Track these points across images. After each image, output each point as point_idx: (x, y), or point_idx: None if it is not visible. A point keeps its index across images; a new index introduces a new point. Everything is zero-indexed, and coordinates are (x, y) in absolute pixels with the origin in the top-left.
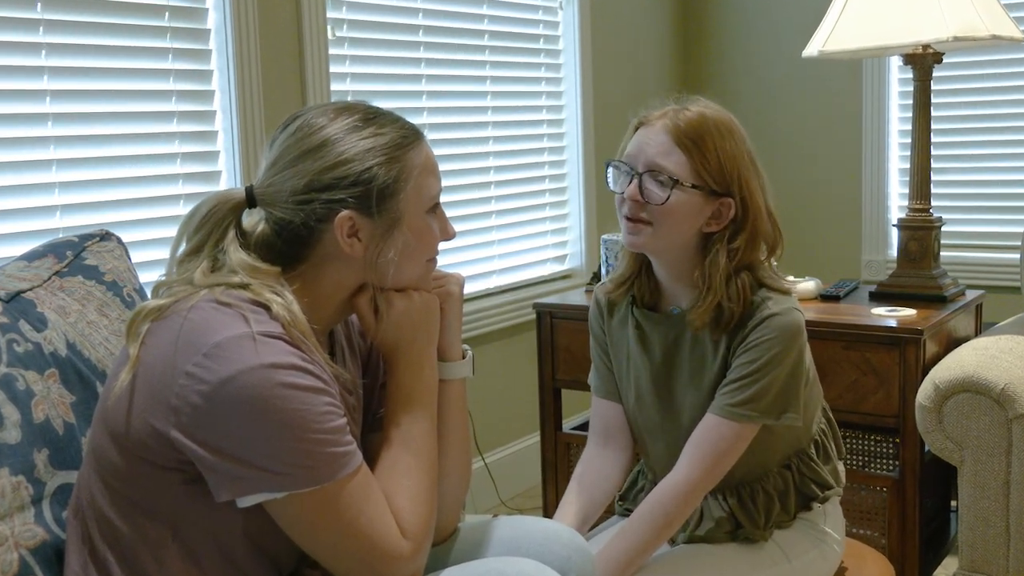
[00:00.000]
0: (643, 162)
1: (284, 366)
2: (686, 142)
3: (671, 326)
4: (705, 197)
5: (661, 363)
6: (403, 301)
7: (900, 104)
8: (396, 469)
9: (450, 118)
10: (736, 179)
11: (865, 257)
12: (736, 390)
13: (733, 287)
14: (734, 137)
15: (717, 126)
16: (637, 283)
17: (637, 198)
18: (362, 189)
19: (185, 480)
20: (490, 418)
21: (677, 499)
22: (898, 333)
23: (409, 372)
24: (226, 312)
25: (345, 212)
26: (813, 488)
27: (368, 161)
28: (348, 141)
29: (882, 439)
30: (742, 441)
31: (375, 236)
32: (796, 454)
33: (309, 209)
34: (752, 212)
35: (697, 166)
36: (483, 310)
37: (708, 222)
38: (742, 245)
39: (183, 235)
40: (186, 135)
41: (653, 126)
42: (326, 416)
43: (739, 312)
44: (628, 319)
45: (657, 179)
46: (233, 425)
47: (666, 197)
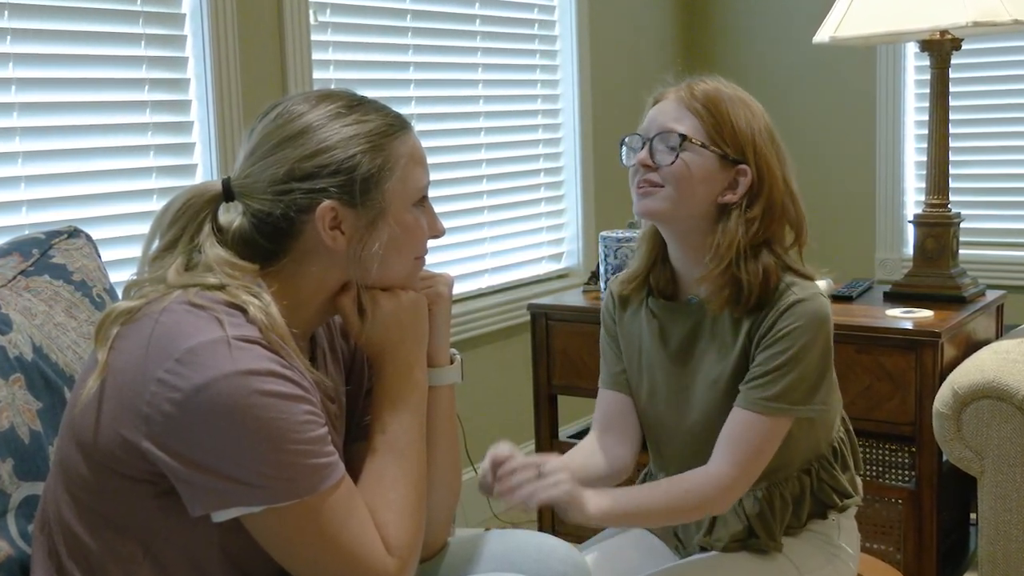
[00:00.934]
0: (654, 129)
1: (261, 372)
2: (698, 107)
3: (689, 315)
4: (719, 162)
5: (677, 354)
6: (390, 301)
7: (916, 93)
8: (382, 481)
9: (439, 107)
10: (751, 145)
11: (879, 255)
12: (768, 383)
13: (751, 263)
14: (750, 108)
15: (733, 97)
16: (653, 274)
17: (648, 162)
18: (345, 178)
19: (157, 493)
20: (482, 426)
21: (712, 491)
22: (914, 336)
23: (397, 376)
24: (200, 315)
25: (327, 202)
26: (831, 495)
27: (351, 149)
28: (330, 128)
29: (897, 448)
30: (778, 436)
31: (358, 228)
32: (816, 458)
33: (289, 199)
34: (769, 181)
35: (709, 130)
36: (475, 311)
37: (724, 191)
38: (759, 215)
39: (156, 231)
40: (160, 126)
41: (666, 99)
42: (306, 425)
43: (758, 290)
44: (642, 311)
45: (667, 142)
46: (207, 435)
47: (675, 156)
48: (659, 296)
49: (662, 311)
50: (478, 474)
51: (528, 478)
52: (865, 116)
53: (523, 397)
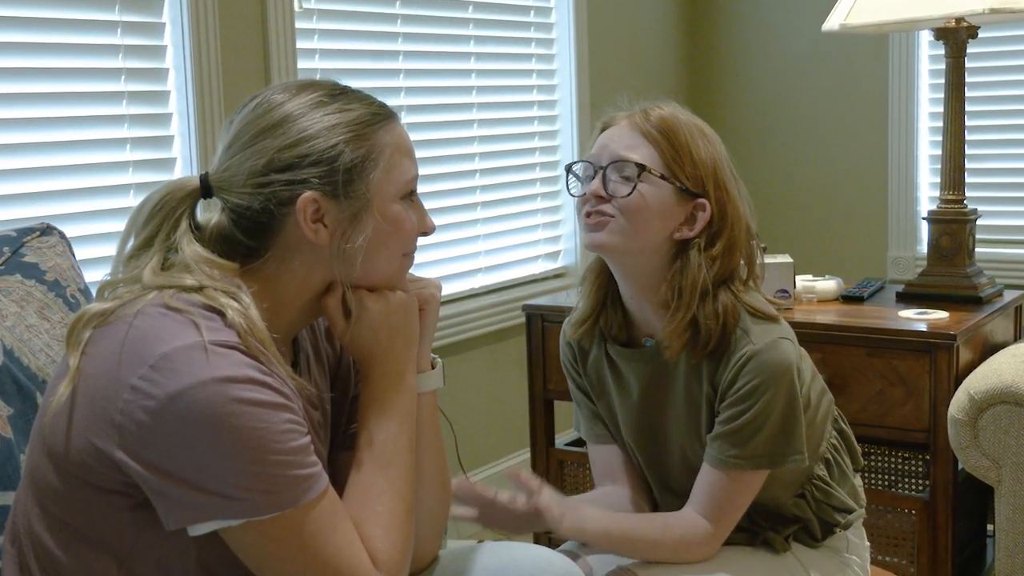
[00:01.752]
0: (607, 156)
1: (239, 379)
2: (655, 135)
3: (646, 361)
4: (677, 195)
5: (642, 404)
6: (378, 302)
7: (931, 84)
8: (368, 492)
9: (430, 99)
10: (712, 178)
11: (892, 254)
12: (731, 444)
13: (710, 305)
14: (708, 139)
15: (689, 126)
16: (603, 317)
17: (600, 193)
18: (326, 168)
19: (131, 506)
20: (475, 433)
21: (692, 538)
22: (928, 338)
23: (385, 382)
24: (175, 319)
25: (308, 194)
26: (832, 514)
27: (333, 138)
28: (311, 117)
29: (910, 456)
30: (752, 489)
31: (342, 221)
32: (808, 480)
33: (269, 192)
34: (730, 217)
35: (667, 159)
36: (467, 313)
37: (681, 226)
38: (720, 253)
39: (131, 229)
40: (137, 118)
41: (619, 124)
42: (287, 435)
43: (717, 333)
44: (603, 358)
45: (622, 172)
46: (183, 445)
47: (632, 187)
48: (613, 341)
49: (620, 358)
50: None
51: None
52: (877, 108)
53: (518, 403)
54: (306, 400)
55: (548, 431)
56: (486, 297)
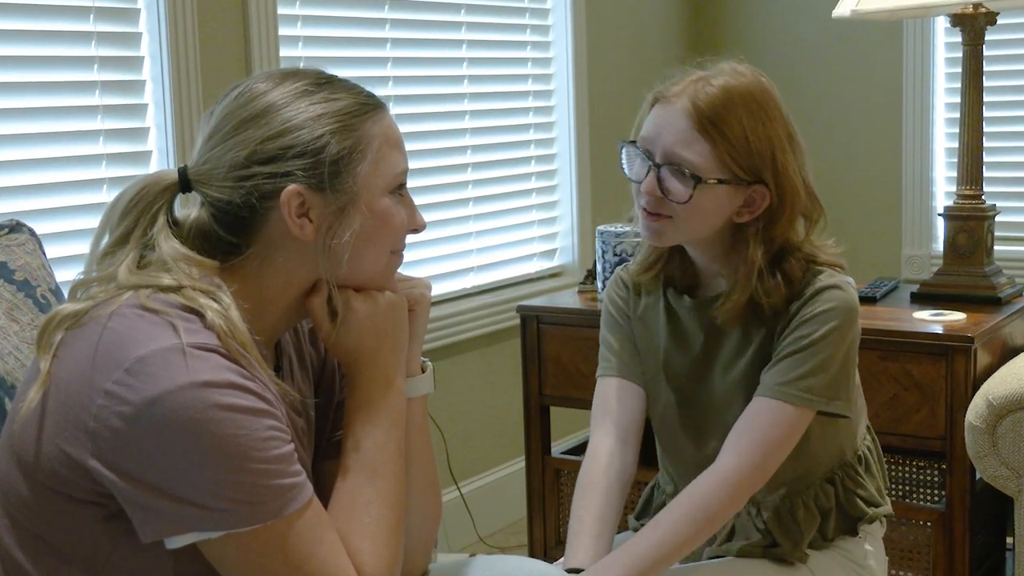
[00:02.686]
0: (661, 151)
1: (219, 384)
2: (708, 128)
3: (706, 310)
4: (734, 188)
5: (701, 356)
6: (365, 303)
7: (947, 73)
8: (355, 503)
9: (420, 88)
10: (769, 163)
11: (906, 252)
12: (788, 367)
13: (769, 281)
14: (766, 111)
15: (746, 102)
16: (668, 265)
17: (656, 193)
18: (312, 160)
19: (105, 517)
20: (466, 441)
21: (721, 492)
22: (945, 341)
23: (372, 387)
24: (152, 320)
25: (293, 187)
26: (860, 505)
27: (318, 128)
28: (296, 107)
29: (926, 465)
30: (795, 430)
31: (328, 215)
32: (840, 466)
33: (251, 185)
34: (789, 197)
35: (722, 155)
36: (458, 314)
37: (740, 211)
38: (780, 230)
39: (106, 225)
40: (111, 109)
41: (671, 105)
42: (270, 442)
43: (781, 303)
44: (659, 306)
45: (678, 173)
46: (160, 453)
47: (688, 196)
48: (678, 291)
49: (681, 307)
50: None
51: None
52: (890, 98)
53: (512, 409)
54: (289, 406)
55: (544, 439)
56: (478, 298)
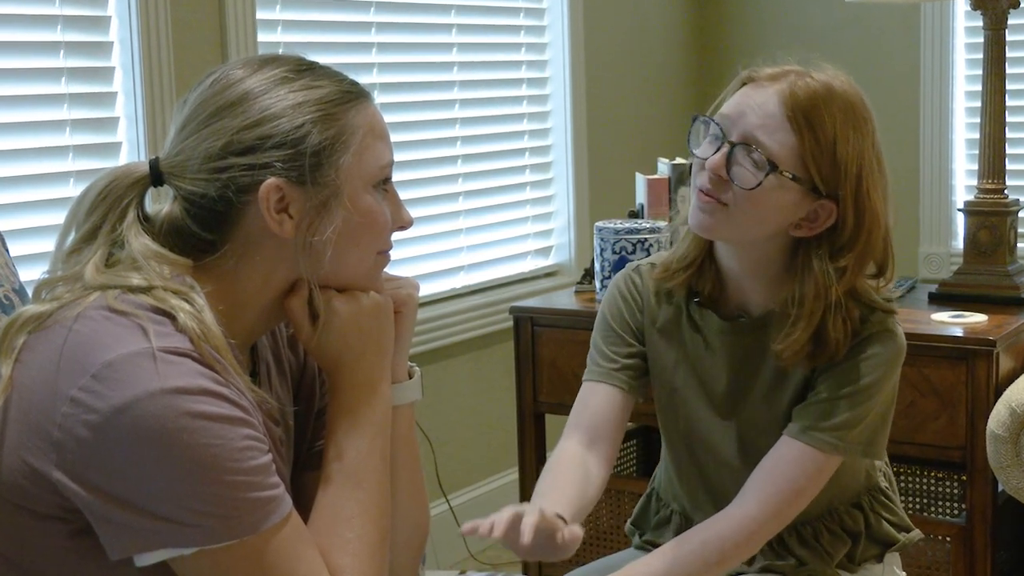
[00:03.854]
0: (740, 130)
1: (192, 391)
2: (800, 119)
3: (739, 336)
4: (804, 193)
5: (734, 381)
6: (348, 304)
7: (968, 60)
8: (337, 517)
9: (407, 76)
10: (853, 180)
11: (924, 249)
12: (826, 411)
13: (839, 316)
14: (863, 126)
15: (845, 107)
16: (699, 273)
17: (721, 172)
18: (292, 151)
19: (70, 533)
20: (456, 451)
21: (739, 538)
22: (965, 344)
23: (356, 393)
24: (120, 323)
25: (272, 180)
26: (890, 531)
27: (299, 117)
28: (275, 94)
29: (945, 477)
30: (823, 476)
31: (308, 211)
32: (867, 490)
33: (227, 178)
34: (868, 225)
35: (806, 153)
36: (448, 315)
37: (799, 223)
38: (850, 265)
39: (72, 221)
40: (78, 98)
41: (764, 89)
42: (246, 452)
43: (846, 344)
44: (682, 319)
45: (751, 155)
46: (129, 464)
47: (757, 182)
48: (703, 305)
49: (709, 329)
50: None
51: None
52: (908, 87)
53: (504, 417)
54: (266, 414)
55: (539, 448)
56: (469, 298)
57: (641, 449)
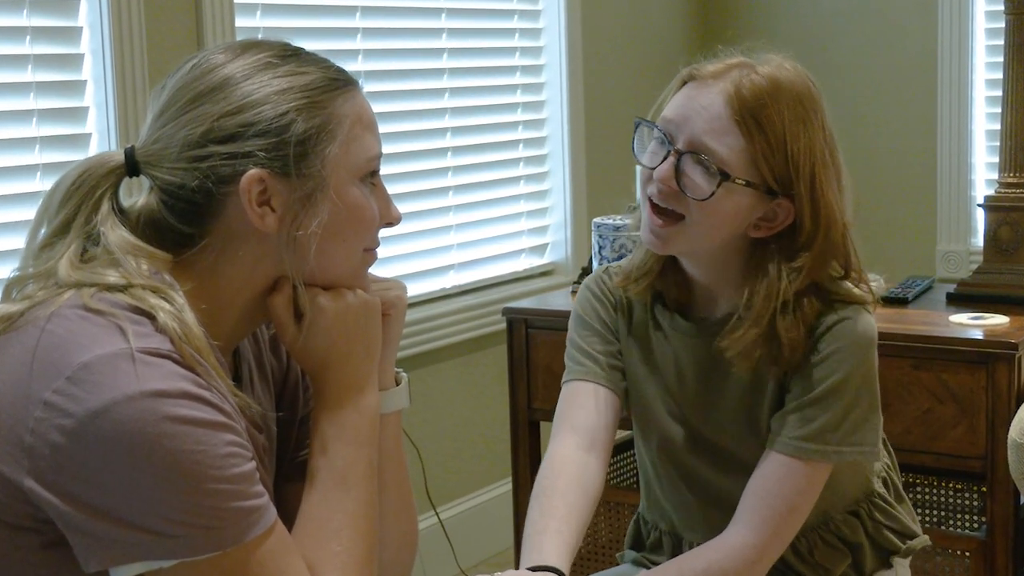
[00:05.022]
0: (686, 137)
1: (173, 394)
2: (749, 121)
3: (706, 338)
4: (759, 196)
5: (702, 389)
6: (335, 302)
7: (987, 46)
8: (323, 529)
9: (394, 63)
10: (807, 178)
11: (941, 247)
12: (806, 417)
13: (791, 316)
14: (813, 118)
15: (792, 101)
16: (659, 279)
17: (671, 185)
18: (275, 140)
19: (43, 544)
20: (446, 461)
21: (740, 567)
22: (985, 348)
23: (342, 398)
24: (97, 322)
25: (254, 171)
26: (891, 538)
27: (283, 104)
28: (258, 80)
29: (964, 488)
30: (815, 487)
31: (292, 204)
32: (865, 496)
33: (207, 167)
34: (824, 222)
35: (757, 156)
36: (437, 317)
37: (757, 223)
38: (807, 264)
39: (44, 215)
40: (45, 86)
41: (707, 88)
42: (229, 459)
43: (802, 342)
44: (648, 327)
45: (702, 163)
46: (106, 472)
47: (710, 192)
48: (669, 309)
49: (676, 334)
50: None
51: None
52: (924, 75)
53: (497, 424)
54: (249, 421)
55: (533, 458)
56: (460, 299)
57: None
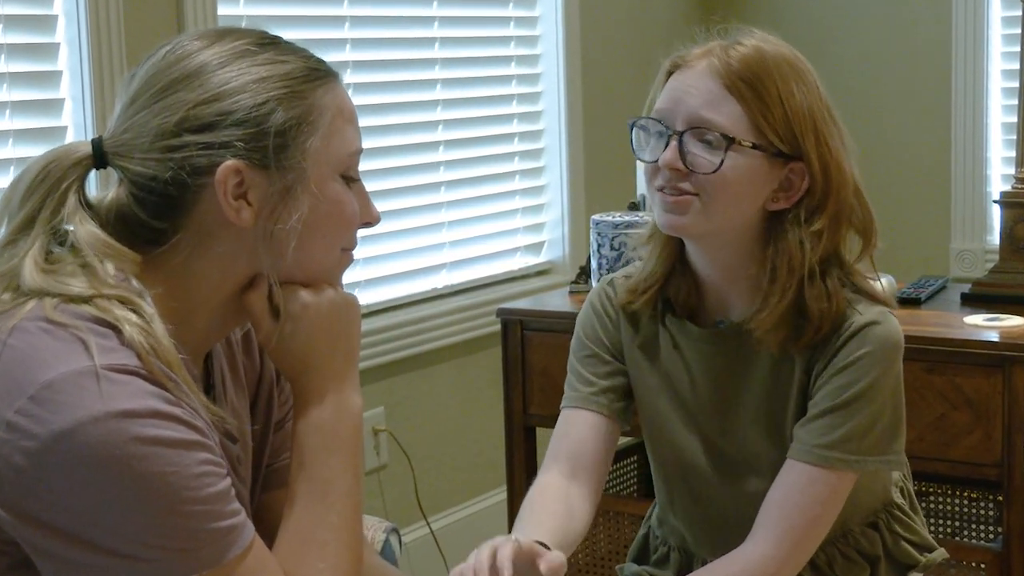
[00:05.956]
0: (683, 117)
1: (141, 413)
2: (740, 86)
3: (720, 343)
4: (769, 160)
5: (718, 398)
6: (316, 297)
7: (1004, 35)
8: (308, 544)
9: (383, 53)
10: (811, 134)
11: (956, 245)
12: (829, 427)
13: (818, 287)
14: (804, 79)
15: (780, 65)
16: (671, 284)
17: (677, 166)
18: (254, 130)
19: (8, 567)
20: (438, 468)
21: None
22: (1001, 351)
23: (326, 401)
24: (60, 336)
25: (231, 162)
26: (909, 551)
27: (263, 93)
28: (236, 67)
29: (979, 497)
30: (839, 498)
31: (271, 197)
32: (883, 507)
33: (181, 158)
34: (835, 181)
35: (757, 118)
36: (429, 319)
37: (775, 195)
38: (825, 227)
39: (5, 211)
40: (19, 77)
41: (693, 68)
42: (203, 479)
43: (830, 318)
44: (659, 338)
45: (704, 138)
46: (73, 495)
47: (719, 162)
48: (679, 315)
49: (684, 338)
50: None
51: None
52: (938, 66)
53: (491, 430)
54: (223, 433)
55: (529, 466)
56: (452, 299)
57: (642, 466)
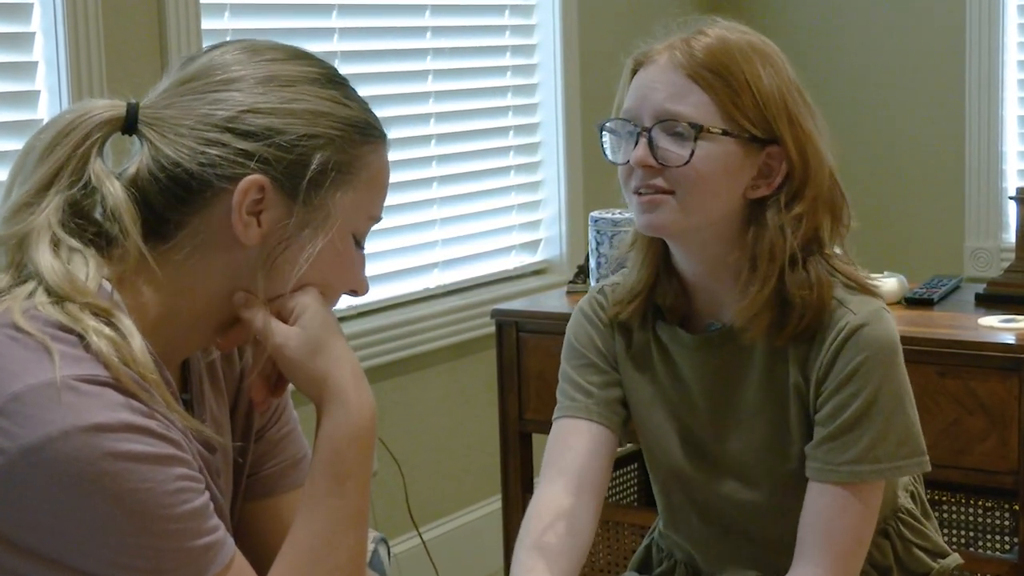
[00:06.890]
0: (650, 113)
1: (113, 427)
2: (706, 75)
3: (712, 348)
4: (744, 147)
5: (708, 405)
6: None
7: (1020, 24)
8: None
9: (372, 43)
10: (784, 115)
11: (970, 244)
12: (841, 446)
13: (799, 274)
14: (772, 62)
15: (745, 50)
16: (658, 290)
17: (649, 162)
18: (294, 158)
19: None
20: (430, 476)
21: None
22: (1017, 353)
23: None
24: (26, 344)
25: (259, 177)
26: (922, 558)
27: (317, 127)
28: (301, 91)
29: (994, 506)
30: (874, 509)
31: (284, 227)
32: (892, 513)
33: (214, 154)
34: (813, 162)
35: (726, 105)
36: (421, 320)
37: (755, 182)
38: (805, 211)
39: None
40: None
41: (656, 63)
42: (179, 495)
43: (813, 306)
44: (650, 347)
45: (673, 131)
46: (43, 513)
47: (689, 153)
48: (669, 322)
49: (676, 344)
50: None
51: None
52: (951, 55)
53: (486, 436)
54: (201, 443)
55: (525, 473)
56: (445, 300)
57: (642, 474)
